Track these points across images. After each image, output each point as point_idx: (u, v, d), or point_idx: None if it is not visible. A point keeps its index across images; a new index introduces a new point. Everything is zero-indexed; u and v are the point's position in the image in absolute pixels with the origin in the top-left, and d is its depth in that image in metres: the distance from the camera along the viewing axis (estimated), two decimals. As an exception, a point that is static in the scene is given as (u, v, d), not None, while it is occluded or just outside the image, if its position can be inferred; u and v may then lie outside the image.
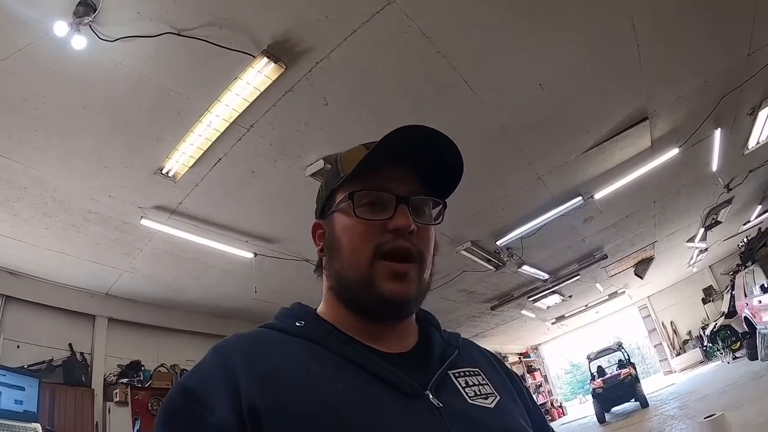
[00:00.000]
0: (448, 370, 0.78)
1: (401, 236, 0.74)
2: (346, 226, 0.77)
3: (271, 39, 3.03)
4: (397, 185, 0.77)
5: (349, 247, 0.76)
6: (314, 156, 4.19)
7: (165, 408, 0.65)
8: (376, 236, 0.75)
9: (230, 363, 0.66)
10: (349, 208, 0.76)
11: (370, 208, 0.76)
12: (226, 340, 0.73)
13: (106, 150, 3.67)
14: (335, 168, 0.83)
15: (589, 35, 3.64)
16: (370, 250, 0.74)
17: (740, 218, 9.98)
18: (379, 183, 0.77)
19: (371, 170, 0.76)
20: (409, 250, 0.75)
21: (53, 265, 5.05)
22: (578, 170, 5.61)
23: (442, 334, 0.87)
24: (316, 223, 0.87)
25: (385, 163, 0.77)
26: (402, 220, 0.74)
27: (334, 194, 0.81)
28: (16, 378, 4.24)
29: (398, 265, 0.74)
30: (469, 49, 3.48)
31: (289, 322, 0.78)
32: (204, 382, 0.65)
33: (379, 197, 0.76)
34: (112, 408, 5.39)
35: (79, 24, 2.62)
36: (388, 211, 0.75)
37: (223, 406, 0.61)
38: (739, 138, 6.07)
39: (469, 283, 8.43)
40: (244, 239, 5.24)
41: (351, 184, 0.77)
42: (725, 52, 4.27)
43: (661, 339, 16.20)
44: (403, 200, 0.76)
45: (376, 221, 0.75)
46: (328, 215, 0.82)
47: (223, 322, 7.07)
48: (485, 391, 0.77)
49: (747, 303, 9.11)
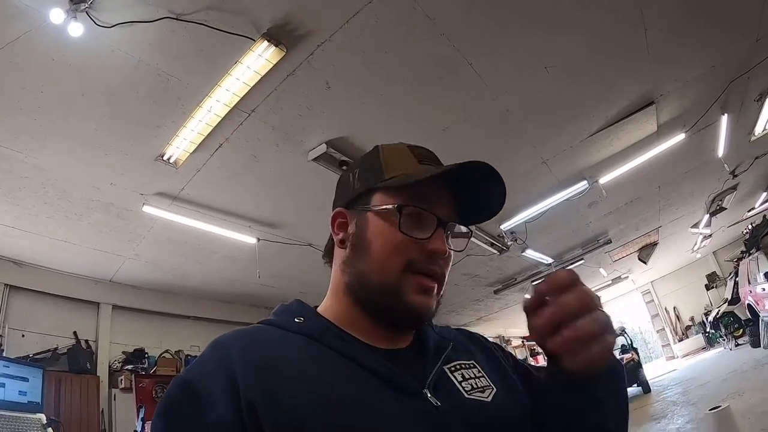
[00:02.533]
0: (444, 365, 0.78)
1: (433, 259, 0.76)
2: (383, 233, 0.76)
3: (271, 22, 2.98)
4: (439, 207, 0.78)
5: (380, 253, 0.76)
6: (316, 140, 4.15)
7: (164, 402, 0.65)
8: (410, 252, 0.75)
9: (229, 358, 0.66)
10: (394, 218, 0.75)
11: (413, 223, 0.75)
12: (225, 336, 0.72)
13: (106, 137, 3.65)
14: (376, 163, 0.81)
15: (597, 18, 3.57)
16: (401, 263, 0.74)
17: (745, 205, 9.92)
18: (424, 201, 0.76)
19: (419, 185, 0.76)
20: (437, 273, 0.77)
21: (56, 254, 5.07)
22: (583, 154, 5.56)
23: (434, 329, 0.88)
24: (339, 212, 0.84)
25: (430, 180, 0.76)
26: (440, 245, 0.75)
27: (372, 192, 0.80)
28: (20, 369, 4.26)
29: (428, 282, 0.76)
30: (474, 31, 3.42)
31: (288, 318, 0.77)
32: (203, 378, 0.65)
33: (423, 215, 0.76)
34: (118, 395, 5.44)
35: (75, 11, 2.58)
36: (427, 231, 0.75)
37: (222, 401, 0.61)
38: (746, 124, 6.00)
39: (472, 267, 8.42)
40: (247, 224, 5.23)
41: (396, 192, 0.77)
42: (733, 37, 4.19)
43: (663, 324, 16.25)
44: (444, 225, 0.77)
45: (415, 239, 0.75)
46: (360, 210, 0.80)
47: (227, 307, 7.11)
48: (481, 383, 0.78)
49: (750, 290, 9.09)
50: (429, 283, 0.76)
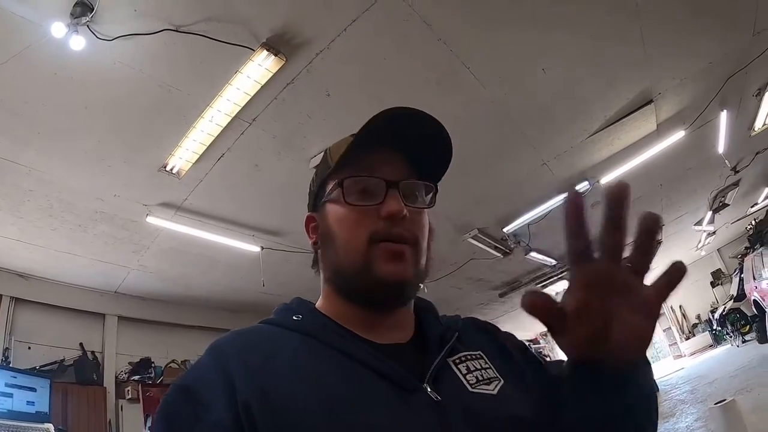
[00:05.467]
0: (448, 358, 0.75)
1: (394, 222, 0.73)
2: (339, 215, 0.76)
3: (270, 31, 3.01)
4: (387, 170, 0.75)
5: (343, 235, 0.75)
6: (318, 147, 4.16)
7: (163, 406, 0.65)
8: (370, 223, 0.73)
9: (226, 361, 0.66)
10: (340, 196, 0.75)
11: (361, 195, 0.74)
12: (223, 338, 0.72)
13: (109, 149, 3.68)
14: (325, 159, 0.82)
15: (593, 18, 3.58)
16: (364, 237, 0.73)
17: (748, 201, 9.88)
18: (367, 169, 0.75)
19: (360, 157, 0.75)
20: (404, 236, 0.73)
21: (62, 266, 5.09)
22: (584, 155, 5.56)
23: (441, 320, 0.85)
24: (309, 216, 0.85)
25: (374, 148, 0.75)
26: (393, 205, 0.72)
27: (324, 185, 0.80)
28: (28, 379, 4.28)
29: (394, 245, 0.72)
30: (471, 35, 3.44)
31: (287, 316, 0.77)
32: (201, 381, 0.65)
33: (368, 183, 0.75)
34: (125, 405, 5.44)
35: (76, 24, 2.62)
36: (379, 197, 0.73)
37: (220, 403, 0.61)
38: (746, 120, 5.99)
39: (477, 271, 8.41)
40: (251, 233, 5.24)
41: (340, 173, 0.76)
42: (730, 32, 4.19)
43: (669, 323, 16.16)
44: (393, 185, 0.74)
45: (367, 207, 0.74)
46: (320, 206, 0.81)
47: (233, 316, 7.09)
48: (488, 375, 0.74)
49: (756, 286, 9.06)
50: (395, 247, 0.72)
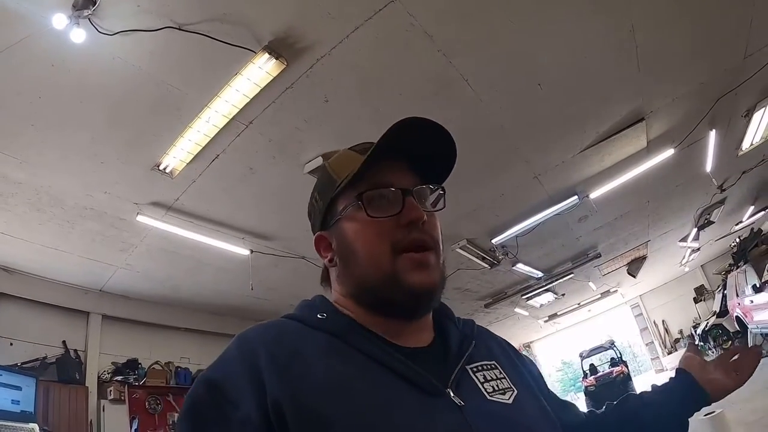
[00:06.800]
0: (466, 365, 0.77)
1: (415, 228, 0.74)
2: (358, 230, 0.76)
3: (272, 35, 3.01)
4: (399, 179, 0.77)
5: (365, 249, 0.75)
6: (313, 153, 4.17)
7: (189, 401, 0.65)
8: (391, 233, 0.74)
9: (255, 356, 0.66)
10: (359, 211, 0.76)
11: (378, 207, 0.75)
12: (251, 331, 0.72)
13: (102, 145, 3.64)
14: (327, 177, 0.82)
15: (589, 36, 3.65)
16: (387, 247, 0.74)
17: (733, 218, 10.05)
18: (381, 180, 0.76)
19: (369, 170, 0.75)
20: (426, 240, 0.75)
21: (47, 262, 5.01)
22: (574, 170, 5.63)
23: (457, 324, 0.87)
24: (320, 236, 0.85)
25: (381, 160, 0.76)
26: (414, 213, 0.74)
27: (334, 203, 0.80)
28: (13, 377, 4.20)
29: (419, 255, 0.74)
30: (470, 48, 3.48)
31: (311, 314, 0.77)
32: (228, 375, 0.65)
33: (384, 194, 0.76)
34: (107, 406, 5.37)
35: (78, 17, 2.59)
36: (397, 206, 0.75)
37: (248, 400, 0.61)
38: (734, 139, 6.11)
39: (463, 281, 8.44)
40: (241, 236, 5.21)
41: (353, 188, 0.77)
42: (722, 54, 4.29)
43: (652, 337, 16.29)
44: (409, 192, 0.76)
45: (387, 218, 0.74)
46: (333, 224, 0.81)
47: (219, 319, 7.04)
48: (503, 385, 0.77)
49: (739, 303, 9.16)
50: (421, 257, 0.74)
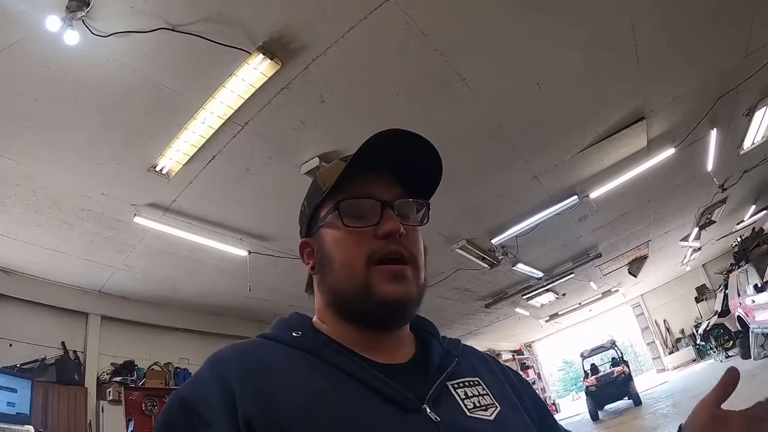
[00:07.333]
0: (447, 381, 0.76)
1: (392, 241, 0.74)
2: (336, 239, 0.77)
3: (267, 35, 3.00)
4: (381, 191, 0.77)
5: (341, 258, 0.75)
6: (309, 154, 4.16)
7: (162, 419, 0.65)
8: (367, 244, 0.74)
9: (227, 375, 0.65)
10: (337, 220, 0.76)
11: (358, 217, 0.75)
12: (223, 351, 0.71)
13: (98, 147, 3.63)
14: (315, 185, 0.82)
15: (588, 35, 3.63)
16: (362, 258, 0.73)
17: (734, 218, 10.04)
18: (361, 191, 0.76)
19: (352, 180, 0.75)
20: (402, 254, 0.74)
21: (46, 263, 5.01)
22: (574, 169, 5.61)
23: (441, 342, 0.85)
24: (303, 242, 0.86)
25: (366, 171, 0.76)
26: (390, 225, 0.73)
27: (318, 211, 0.81)
28: (8, 380, 4.19)
29: (394, 267, 0.73)
30: (467, 47, 3.46)
31: (286, 332, 0.76)
32: (201, 395, 0.64)
33: (363, 205, 0.76)
34: (106, 407, 5.37)
35: (72, 19, 2.58)
36: (375, 218, 0.75)
37: (220, 418, 0.60)
38: (735, 139, 6.09)
39: (463, 281, 8.44)
40: (239, 237, 5.20)
41: (334, 197, 0.77)
42: (723, 53, 4.27)
43: (654, 337, 16.31)
44: (388, 205, 0.76)
45: (364, 228, 0.74)
46: (315, 232, 0.81)
47: (218, 319, 7.05)
48: (485, 402, 0.75)
49: (740, 302, 9.16)
50: (396, 269, 0.73)
